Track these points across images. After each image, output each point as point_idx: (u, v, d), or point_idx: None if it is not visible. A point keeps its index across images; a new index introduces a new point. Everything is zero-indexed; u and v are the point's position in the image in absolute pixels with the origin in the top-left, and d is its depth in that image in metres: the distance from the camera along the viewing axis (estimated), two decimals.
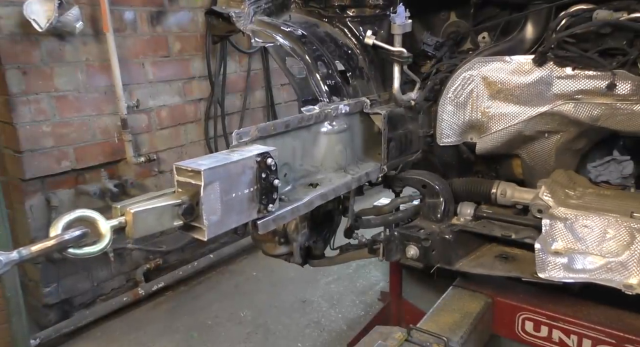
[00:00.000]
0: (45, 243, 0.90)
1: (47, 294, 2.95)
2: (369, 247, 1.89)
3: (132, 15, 3.21)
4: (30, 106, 2.76)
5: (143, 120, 3.35)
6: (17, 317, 2.45)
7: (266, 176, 1.22)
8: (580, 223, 1.56)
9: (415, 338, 1.64)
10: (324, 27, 2.00)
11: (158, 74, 3.40)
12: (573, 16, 1.70)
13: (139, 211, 1.01)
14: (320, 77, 1.76)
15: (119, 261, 3.29)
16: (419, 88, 1.94)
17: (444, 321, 1.80)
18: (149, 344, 2.94)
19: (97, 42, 3.01)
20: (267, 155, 1.22)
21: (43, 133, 2.83)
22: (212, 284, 3.61)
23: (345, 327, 3.01)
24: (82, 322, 3.00)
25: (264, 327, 3.04)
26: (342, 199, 1.91)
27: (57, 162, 2.91)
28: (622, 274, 1.46)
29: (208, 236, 1.09)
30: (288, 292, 3.41)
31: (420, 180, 1.89)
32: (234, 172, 1.15)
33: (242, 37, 3.64)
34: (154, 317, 3.21)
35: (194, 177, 1.08)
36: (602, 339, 1.68)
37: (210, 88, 3.74)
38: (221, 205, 1.11)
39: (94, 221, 0.96)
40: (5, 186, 2.81)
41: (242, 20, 1.85)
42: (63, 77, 2.89)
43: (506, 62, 1.81)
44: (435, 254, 1.77)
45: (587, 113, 1.69)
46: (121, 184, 3.16)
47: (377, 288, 3.39)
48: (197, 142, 3.76)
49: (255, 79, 4.18)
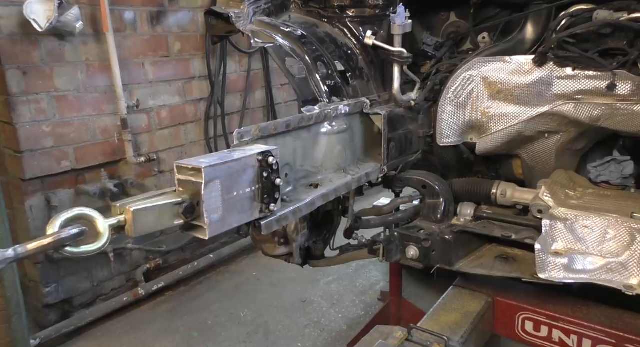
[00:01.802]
0: (42, 241, 0.90)
1: (47, 294, 2.94)
2: (369, 247, 1.88)
3: (132, 15, 3.21)
4: (30, 106, 2.76)
5: (143, 120, 3.35)
6: (17, 317, 2.45)
7: (268, 175, 1.22)
8: (580, 224, 1.56)
9: (415, 337, 1.64)
10: (324, 28, 2.00)
11: (158, 74, 3.40)
12: (573, 16, 1.70)
13: (138, 209, 1.00)
14: (320, 77, 1.76)
15: (119, 261, 3.28)
16: (419, 88, 1.94)
17: (444, 321, 1.80)
18: (149, 344, 2.94)
19: (97, 42, 3.01)
20: (269, 154, 1.22)
21: (43, 133, 2.83)
22: (212, 284, 3.61)
23: (345, 327, 3.01)
24: (82, 322, 3.00)
25: (264, 327, 3.04)
26: (342, 200, 1.91)
27: (57, 162, 2.91)
28: (622, 274, 1.46)
29: (209, 235, 1.09)
30: (288, 292, 3.41)
31: (420, 180, 1.89)
32: (236, 170, 1.15)
33: (242, 37, 3.65)
34: (154, 317, 3.21)
35: (195, 176, 1.07)
36: (602, 339, 1.67)
37: (210, 88, 3.74)
38: (222, 204, 1.11)
39: (92, 219, 0.95)
40: (5, 186, 2.81)
41: (242, 20, 1.85)
42: (63, 77, 2.89)
43: (506, 62, 1.80)
44: (435, 254, 1.77)
45: (588, 113, 1.69)
46: (121, 184, 3.16)
47: (377, 288, 3.39)
48: (197, 142, 3.76)
49: (255, 79, 4.18)
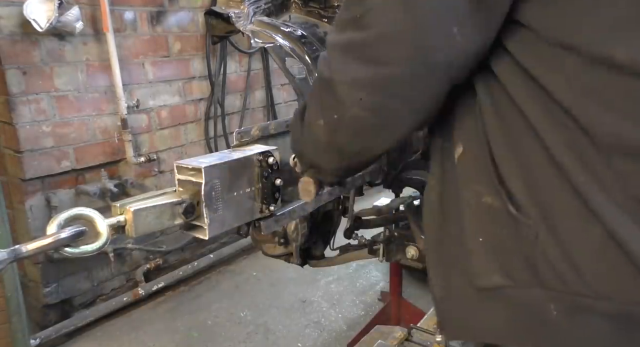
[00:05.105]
0: (42, 241, 0.89)
1: (47, 294, 2.94)
2: (369, 247, 1.89)
3: (132, 15, 3.21)
4: (30, 106, 2.77)
5: (143, 120, 3.35)
6: (17, 317, 2.45)
7: (268, 175, 1.22)
8: None
9: (415, 337, 1.64)
10: (324, 28, 2.00)
11: (158, 74, 3.40)
12: None
13: (138, 209, 1.00)
14: None
15: (119, 261, 3.29)
16: None
17: None
18: (149, 344, 2.94)
19: (97, 42, 3.01)
20: (269, 154, 1.22)
21: (43, 133, 2.83)
22: (212, 284, 3.61)
23: (345, 327, 3.01)
24: (82, 322, 3.00)
25: (264, 327, 3.04)
26: (342, 200, 1.91)
27: (57, 162, 2.91)
28: None
29: (209, 235, 1.09)
30: (288, 292, 3.41)
31: (420, 180, 1.89)
32: (236, 170, 1.15)
33: (242, 37, 3.64)
34: (154, 317, 3.21)
35: (195, 175, 1.08)
36: None
37: (210, 88, 3.74)
38: (222, 204, 1.11)
39: (92, 219, 0.95)
40: (5, 186, 2.81)
41: (242, 20, 1.85)
42: (63, 77, 2.89)
43: None
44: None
45: None
46: (121, 184, 3.16)
47: (377, 288, 3.39)
48: (197, 142, 3.76)
49: (255, 79, 4.18)
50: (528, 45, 0.73)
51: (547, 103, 0.71)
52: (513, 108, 0.75)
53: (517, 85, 0.74)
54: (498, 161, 0.77)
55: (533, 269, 0.73)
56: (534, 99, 0.72)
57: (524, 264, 0.74)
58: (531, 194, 0.73)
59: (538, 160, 0.72)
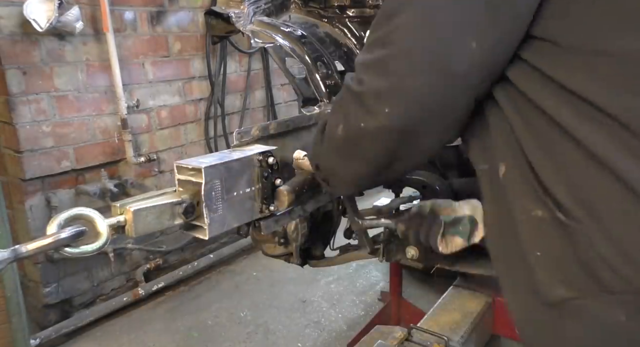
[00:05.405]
0: (41, 241, 0.90)
1: (47, 294, 2.94)
2: (369, 247, 1.88)
3: (132, 15, 3.21)
4: (30, 106, 2.77)
5: (143, 120, 3.35)
6: (17, 317, 2.45)
7: (268, 175, 1.22)
8: None
9: (415, 337, 1.64)
10: (324, 28, 2.00)
11: (158, 74, 3.40)
12: None
13: (138, 209, 1.00)
14: (320, 77, 1.75)
15: (119, 261, 3.29)
16: None
17: (444, 321, 1.80)
18: (149, 344, 2.94)
19: (97, 42, 3.01)
20: (269, 154, 1.22)
21: (43, 133, 2.83)
22: (212, 284, 3.61)
23: (345, 327, 3.01)
24: (82, 322, 3.00)
25: (264, 327, 3.04)
26: (342, 200, 1.91)
27: (57, 162, 2.91)
28: None
29: (209, 235, 1.09)
30: (288, 292, 3.41)
31: (420, 180, 1.89)
32: (236, 170, 1.15)
33: (242, 37, 3.64)
34: (154, 317, 3.21)
35: (195, 175, 1.08)
36: None
37: (210, 88, 3.74)
38: (222, 204, 1.11)
39: (92, 219, 0.95)
40: (5, 186, 2.81)
41: (242, 20, 1.85)
42: (63, 77, 2.89)
43: None
44: (435, 254, 1.77)
45: None
46: (121, 184, 3.16)
47: (377, 288, 3.39)
48: (197, 142, 3.76)
49: (255, 79, 4.18)
50: (547, 55, 0.76)
51: (578, 105, 0.72)
52: (537, 112, 0.77)
53: (536, 90, 0.77)
54: (537, 169, 0.77)
55: (593, 275, 0.71)
56: (561, 102, 0.74)
57: (584, 272, 0.72)
58: (574, 194, 0.73)
59: (574, 158, 0.73)
